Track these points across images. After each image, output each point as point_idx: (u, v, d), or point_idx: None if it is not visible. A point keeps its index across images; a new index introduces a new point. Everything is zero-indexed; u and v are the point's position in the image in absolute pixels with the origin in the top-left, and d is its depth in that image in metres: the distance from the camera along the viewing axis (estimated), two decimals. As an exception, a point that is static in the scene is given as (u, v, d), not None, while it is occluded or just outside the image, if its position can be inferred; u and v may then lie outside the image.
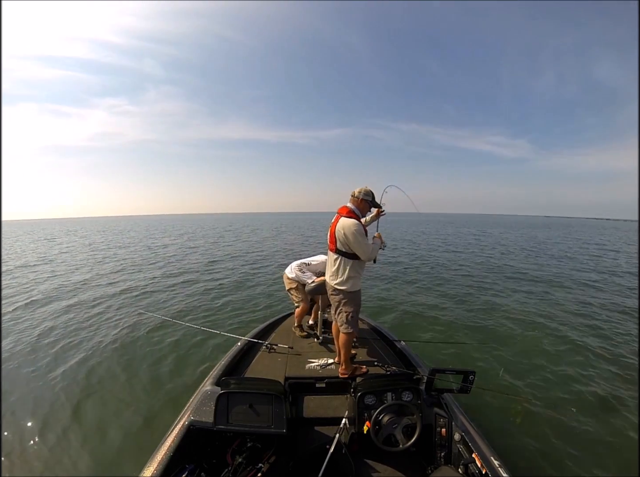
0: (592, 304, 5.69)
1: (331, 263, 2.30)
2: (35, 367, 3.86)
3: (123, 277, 8.99)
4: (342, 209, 2.25)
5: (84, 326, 5.29)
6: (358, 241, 2.09)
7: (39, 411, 2.99)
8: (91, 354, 4.18)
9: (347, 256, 2.18)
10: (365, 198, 2.23)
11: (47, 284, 8.29)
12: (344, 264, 2.20)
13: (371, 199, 2.27)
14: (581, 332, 4.32)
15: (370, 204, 2.28)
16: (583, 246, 17.14)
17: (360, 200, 2.24)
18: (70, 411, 3.00)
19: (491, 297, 6.20)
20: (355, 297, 2.26)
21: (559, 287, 6.84)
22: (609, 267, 9.80)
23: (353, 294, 2.24)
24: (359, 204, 2.24)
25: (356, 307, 2.27)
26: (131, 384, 3.42)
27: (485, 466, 1.44)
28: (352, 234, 2.08)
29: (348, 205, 2.25)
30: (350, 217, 2.15)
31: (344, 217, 2.17)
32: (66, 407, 3.05)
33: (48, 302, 6.64)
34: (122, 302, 6.64)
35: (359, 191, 2.24)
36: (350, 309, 2.23)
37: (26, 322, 5.43)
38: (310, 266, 3.07)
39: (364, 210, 2.28)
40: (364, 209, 2.28)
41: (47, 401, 3.16)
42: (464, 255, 12.51)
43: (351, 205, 2.24)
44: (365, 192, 2.23)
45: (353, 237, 2.08)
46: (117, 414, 2.93)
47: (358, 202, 2.24)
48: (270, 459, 1.81)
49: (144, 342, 4.47)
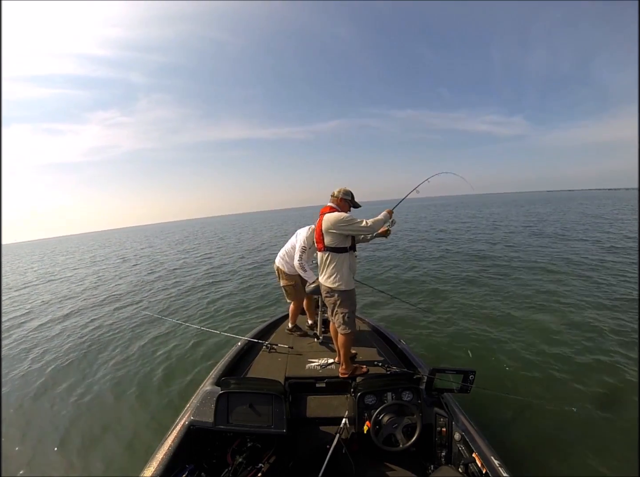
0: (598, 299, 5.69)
1: (322, 263, 2.33)
2: (34, 366, 3.86)
3: (123, 280, 9.00)
4: (324, 209, 2.34)
5: (88, 325, 5.30)
6: (349, 220, 2.16)
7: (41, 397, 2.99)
8: (91, 354, 4.18)
9: (337, 251, 2.22)
10: (344, 197, 2.34)
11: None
12: (334, 262, 2.23)
13: (350, 198, 2.37)
14: (582, 330, 4.32)
15: (349, 203, 2.38)
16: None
17: (340, 199, 2.34)
18: (70, 411, 3.00)
19: (498, 292, 6.19)
20: (350, 297, 2.28)
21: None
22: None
23: (347, 294, 2.26)
24: (339, 203, 2.34)
25: (352, 307, 2.28)
26: (131, 384, 3.42)
27: (486, 465, 1.44)
28: (341, 219, 2.16)
29: (329, 204, 2.35)
30: (333, 212, 2.24)
31: (328, 213, 2.26)
32: (66, 408, 3.05)
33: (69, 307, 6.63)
34: (124, 303, 6.65)
35: (339, 191, 2.35)
36: (346, 309, 2.25)
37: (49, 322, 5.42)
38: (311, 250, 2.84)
39: (343, 209, 2.36)
40: (344, 208, 2.36)
41: (48, 399, 3.16)
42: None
43: (332, 204, 2.34)
44: (344, 192, 2.34)
45: (344, 222, 2.15)
46: (117, 414, 2.93)
47: (338, 201, 2.34)
48: (270, 459, 1.81)
49: (144, 342, 4.48)
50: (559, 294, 5.74)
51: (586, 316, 4.72)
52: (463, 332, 4.41)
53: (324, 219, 2.23)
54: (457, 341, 4.13)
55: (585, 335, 4.15)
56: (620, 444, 2.39)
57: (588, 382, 3.15)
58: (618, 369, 3.37)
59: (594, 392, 3.00)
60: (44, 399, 3.24)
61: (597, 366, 3.44)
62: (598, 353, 3.71)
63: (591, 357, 3.62)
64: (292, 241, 2.96)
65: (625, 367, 3.39)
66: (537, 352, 3.76)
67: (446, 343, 4.07)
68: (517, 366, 3.48)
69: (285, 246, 3.01)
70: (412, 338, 4.16)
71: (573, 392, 3.02)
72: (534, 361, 3.56)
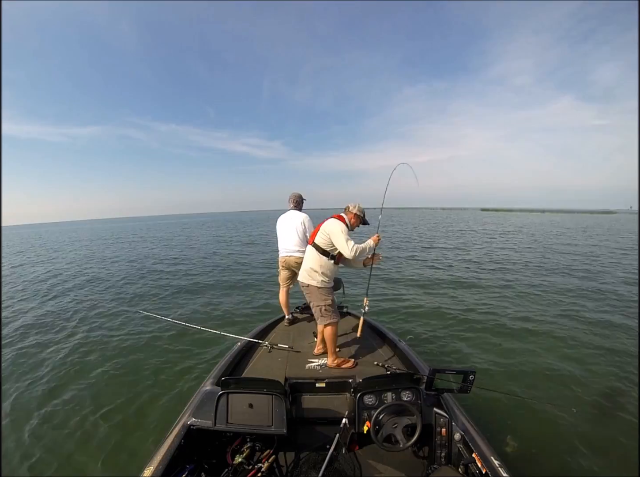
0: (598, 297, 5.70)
1: (306, 257, 2.47)
2: (35, 362, 3.86)
3: (121, 280, 9.01)
4: (336, 215, 2.46)
5: (84, 325, 5.30)
6: (338, 233, 2.28)
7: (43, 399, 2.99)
8: (90, 354, 4.18)
9: (320, 252, 2.35)
10: (357, 213, 2.49)
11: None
12: (315, 259, 2.37)
13: (362, 215, 2.52)
14: (583, 329, 4.33)
15: (360, 220, 2.52)
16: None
17: (354, 214, 2.49)
18: (69, 410, 3.00)
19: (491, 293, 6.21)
20: (324, 293, 2.39)
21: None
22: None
23: (321, 290, 2.37)
24: (351, 217, 2.49)
25: (327, 300, 2.38)
26: (131, 384, 3.42)
27: (486, 465, 1.44)
28: (334, 227, 2.31)
29: (342, 214, 2.49)
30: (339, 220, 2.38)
31: (335, 219, 2.39)
32: (65, 407, 3.05)
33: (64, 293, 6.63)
34: (122, 303, 6.64)
35: (354, 206, 2.49)
36: (321, 302, 2.37)
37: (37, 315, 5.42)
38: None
39: (354, 223, 2.50)
40: (355, 222, 2.50)
41: (46, 396, 3.16)
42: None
43: (344, 215, 2.48)
44: (359, 208, 2.50)
45: (336, 230, 2.29)
46: (116, 414, 2.93)
47: (351, 215, 2.49)
48: (270, 459, 1.81)
49: (143, 342, 4.48)
50: (559, 294, 5.74)
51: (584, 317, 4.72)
52: (463, 333, 4.41)
53: (328, 221, 2.39)
54: (458, 341, 4.14)
55: (586, 334, 4.16)
56: (620, 444, 2.39)
57: (588, 382, 3.16)
58: (618, 369, 3.37)
59: (594, 392, 3.01)
60: (43, 400, 3.25)
61: (597, 366, 3.45)
62: (598, 353, 3.71)
63: (591, 357, 3.62)
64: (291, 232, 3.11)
65: (625, 367, 3.40)
66: (537, 353, 3.77)
67: (446, 343, 4.07)
68: (517, 366, 3.48)
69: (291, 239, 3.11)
70: (412, 338, 4.17)
71: (573, 392, 3.03)
72: (534, 361, 3.57)
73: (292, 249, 3.13)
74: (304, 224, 3.12)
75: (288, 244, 3.15)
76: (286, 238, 3.16)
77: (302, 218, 3.14)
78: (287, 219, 3.20)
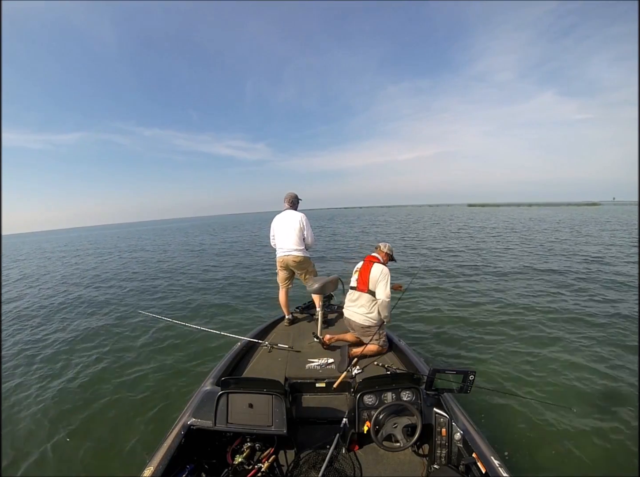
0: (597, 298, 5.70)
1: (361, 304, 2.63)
2: (35, 362, 3.86)
3: (121, 280, 9.01)
4: (370, 257, 2.71)
5: (83, 324, 5.30)
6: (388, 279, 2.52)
7: (45, 406, 2.99)
8: (90, 354, 4.18)
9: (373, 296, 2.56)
10: (388, 252, 2.77)
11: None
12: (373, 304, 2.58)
13: (392, 253, 2.81)
14: (583, 328, 4.32)
15: (390, 257, 2.80)
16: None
17: (385, 253, 2.76)
18: (69, 411, 3.00)
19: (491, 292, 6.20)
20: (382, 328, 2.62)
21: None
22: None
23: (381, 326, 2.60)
24: (383, 256, 2.74)
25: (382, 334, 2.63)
26: (131, 384, 3.42)
27: (486, 465, 1.44)
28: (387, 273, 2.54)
29: (374, 254, 2.76)
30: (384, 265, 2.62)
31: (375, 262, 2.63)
32: (65, 407, 3.05)
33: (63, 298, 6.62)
34: (121, 303, 6.64)
35: (384, 245, 2.79)
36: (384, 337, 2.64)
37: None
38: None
39: (386, 261, 2.74)
40: (386, 261, 2.75)
41: (49, 399, 3.16)
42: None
43: (376, 254, 2.75)
44: (389, 248, 2.79)
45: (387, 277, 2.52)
46: (116, 414, 2.93)
47: (383, 254, 2.75)
48: (270, 459, 1.81)
49: (143, 343, 4.48)
50: (559, 294, 5.74)
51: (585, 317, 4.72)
52: (463, 333, 4.41)
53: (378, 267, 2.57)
54: (457, 341, 4.14)
55: (585, 335, 4.15)
56: (620, 444, 2.39)
57: (588, 382, 3.15)
58: (618, 369, 3.37)
59: (594, 392, 3.00)
60: (43, 403, 3.24)
61: (597, 366, 3.44)
62: (598, 353, 3.71)
63: (591, 357, 3.62)
64: (289, 232, 3.15)
65: (625, 367, 3.39)
66: (536, 353, 3.76)
67: (446, 343, 4.07)
68: (517, 366, 3.48)
69: (288, 239, 3.15)
70: (412, 338, 4.17)
71: (573, 392, 3.02)
72: (534, 361, 3.56)
73: (290, 248, 3.13)
74: (301, 223, 3.13)
75: (286, 244, 3.15)
76: (284, 238, 3.16)
77: (299, 217, 3.15)
78: (284, 219, 3.20)
